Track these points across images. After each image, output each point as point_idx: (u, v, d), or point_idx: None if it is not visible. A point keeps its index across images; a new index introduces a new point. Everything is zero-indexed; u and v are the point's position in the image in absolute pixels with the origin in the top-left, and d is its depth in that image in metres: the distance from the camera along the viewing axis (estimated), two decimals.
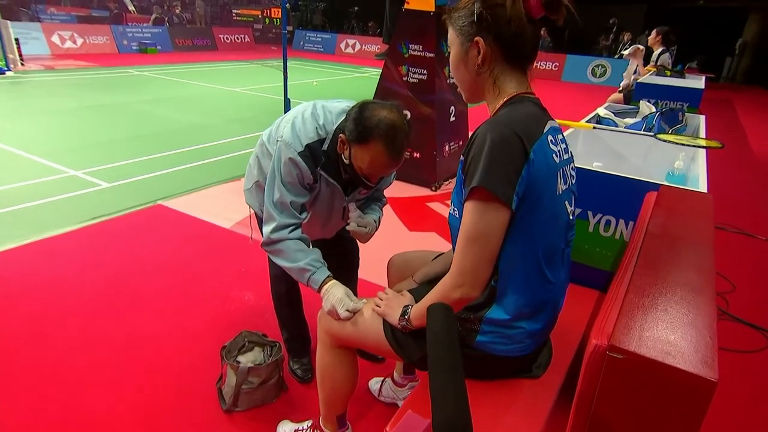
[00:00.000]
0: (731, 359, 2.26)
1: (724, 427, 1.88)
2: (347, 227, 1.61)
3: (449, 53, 1.18)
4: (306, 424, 1.69)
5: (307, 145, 1.47)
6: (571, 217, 1.16)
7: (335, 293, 1.40)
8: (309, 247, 1.55)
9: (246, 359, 1.88)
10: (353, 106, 1.45)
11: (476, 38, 1.07)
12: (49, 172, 4.12)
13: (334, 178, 1.54)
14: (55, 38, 12.11)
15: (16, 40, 9.31)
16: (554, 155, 1.07)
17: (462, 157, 1.08)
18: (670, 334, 0.79)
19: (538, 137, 1.04)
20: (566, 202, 1.13)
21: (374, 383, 1.94)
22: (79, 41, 12.58)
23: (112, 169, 4.32)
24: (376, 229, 1.71)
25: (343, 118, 1.49)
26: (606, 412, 0.80)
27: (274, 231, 1.50)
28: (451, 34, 1.14)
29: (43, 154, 4.55)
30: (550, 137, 1.08)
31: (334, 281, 1.47)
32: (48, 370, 1.94)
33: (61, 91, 7.65)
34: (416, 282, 1.49)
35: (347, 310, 1.36)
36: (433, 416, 0.71)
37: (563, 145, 1.14)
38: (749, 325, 2.51)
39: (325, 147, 1.50)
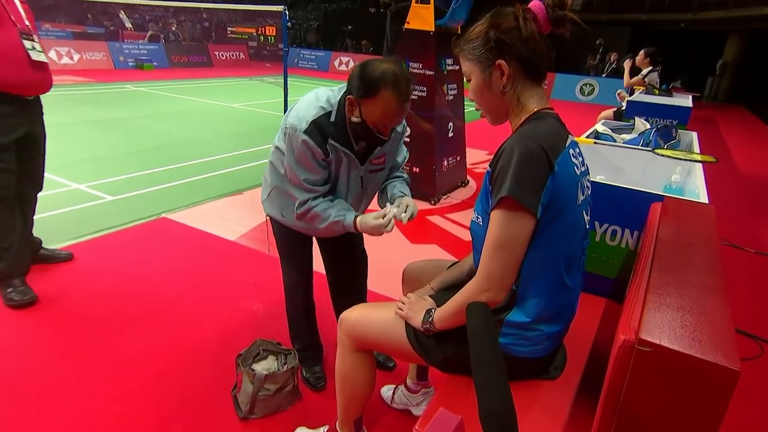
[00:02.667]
0: None
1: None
2: (403, 222, 1.62)
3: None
4: (322, 430, 1.71)
5: (312, 122, 1.53)
6: (587, 226, 1.22)
7: (366, 222, 1.58)
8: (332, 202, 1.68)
9: (261, 367, 1.90)
10: (353, 67, 1.54)
11: (498, 61, 1.14)
12: (53, 186, 4.11)
13: (348, 148, 1.60)
14: (52, 54, 12.11)
15: None
16: (575, 167, 1.14)
17: (489, 169, 1.14)
18: (693, 329, 0.84)
19: (561, 151, 1.10)
20: (584, 212, 1.19)
21: (387, 390, 1.97)
22: (76, 57, 12.61)
23: (115, 182, 4.33)
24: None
25: (345, 89, 1.58)
26: (634, 404, 0.84)
27: (299, 206, 1.64)
28: (468, 65, 1.21)
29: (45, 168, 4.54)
30: (571, 151, 1.15)
31: (360, 216, 1.62)
32: (58, 381, 1.94)
33: (59, 106, 7.64)
34: (433, 289, 1.54)
35: (381, 218, 1.55)
36: (480, 409, 0.75)
37: (581, 159, 1.21)
38: (745, 335, 2.58)
39: (332, 119, 1.57)
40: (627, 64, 5.96)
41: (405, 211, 1.61)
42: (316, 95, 1.61)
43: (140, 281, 2.71)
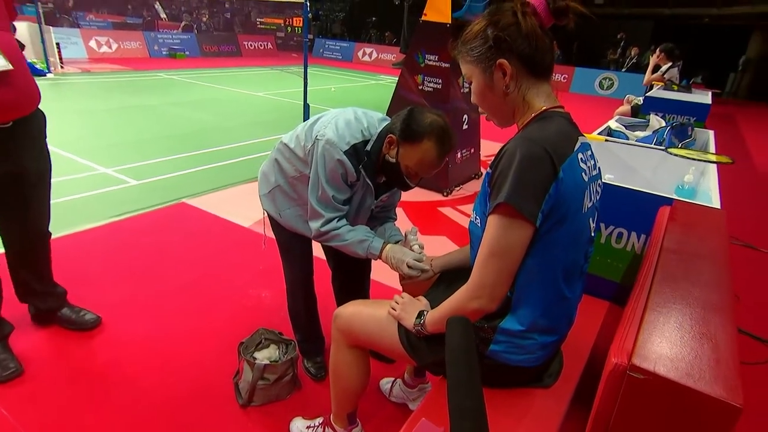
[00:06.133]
0: None
1: None
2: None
3: (469, 86, 1.15)
4: (317, 421, 1.65)
5: (353, 145, 1.49)
6: (592, 234, 1.11)
7: (395, 255, 1.49)
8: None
9: (262, 356, 1.85)
10: (403, 110, 1.50)
11: (499, 60, 1.03)
12: (82, 169, 4.14)
13: (370, 179, 1.56)
14: (92, 43, 12.25)
15: (57, 44, 9.39)
16: (583, 173, 1.03)
17: (489, 170, 1.04)
18: (692, 355, 0.74)
19: (568, 155, 0.99)
20: (590, 219, 1.08)
21: (385, 383, 1.90)
22: (114, 46, 12.72)
23: (140, 167, 4.33)
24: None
25: (386, 123, 1.55)
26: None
27: (323, 225, 1.55)
28: (468, 67, 1.10)
29: (77, 152, 4.58)
30: (580, 155, 1.03)
31: (391, 245, 1.54)
32: (70, 362, 1.93)
33: (96, 92, 7.71)
34: (433, 270, 1.46)
35: (409, 267, 1.44)
36: None
37: (592, 162, 1.10)
38: (753, 337, 2.43)
39: (368, 148, 1.52)
40: (653, 59, 5.64)
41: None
42: (355, 116, 1.55)
43: (152, 266, 2.69)
